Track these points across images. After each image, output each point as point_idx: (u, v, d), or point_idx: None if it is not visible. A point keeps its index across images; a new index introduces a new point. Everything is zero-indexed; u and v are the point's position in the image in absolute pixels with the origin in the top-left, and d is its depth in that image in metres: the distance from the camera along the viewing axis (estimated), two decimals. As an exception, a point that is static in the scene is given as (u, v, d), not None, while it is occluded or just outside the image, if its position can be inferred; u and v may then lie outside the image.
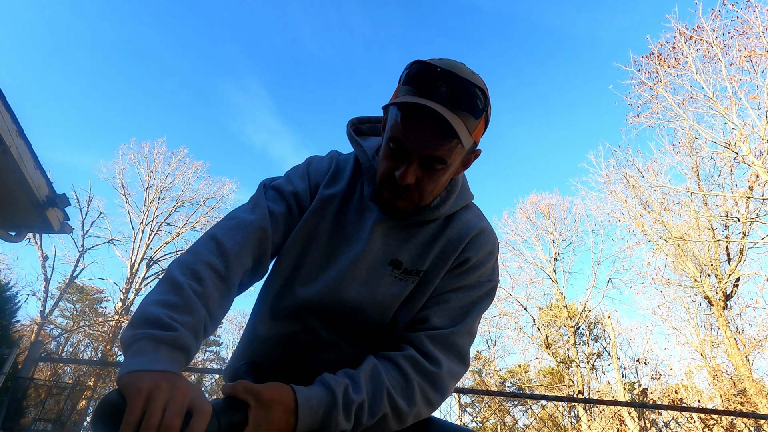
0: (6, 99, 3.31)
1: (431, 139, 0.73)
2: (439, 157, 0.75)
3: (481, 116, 0.77)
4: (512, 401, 12.52)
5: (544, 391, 17.80)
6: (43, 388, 4.79)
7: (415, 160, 0.76)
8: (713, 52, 10.22)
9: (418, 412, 0.76)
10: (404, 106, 0.74)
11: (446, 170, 0.79)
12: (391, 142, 0.77)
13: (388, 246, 0.85)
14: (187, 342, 0.61)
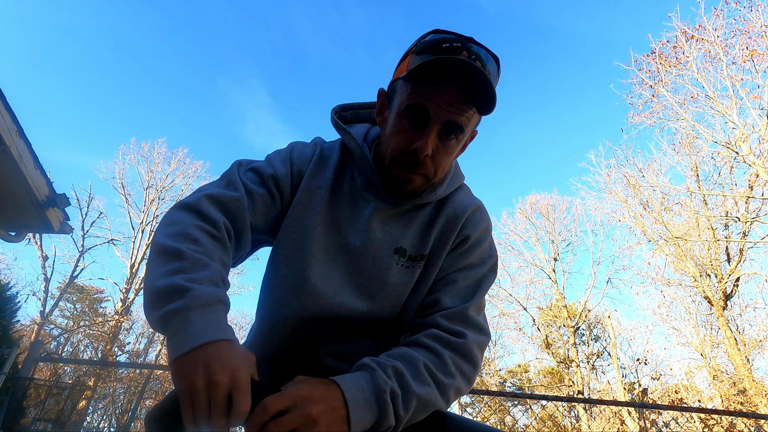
0: (6, 99, 3.31)
1: (458, 103, 0.72)
2: (459, 124, 0.74)
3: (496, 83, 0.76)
4: (512, 401, 12.52)
5: (544, 391, 17.80)
6: (43, 388, 4.78)
7: (435, 129, 0.74)
8: (714, 51, 10.22)
9: (458, 386, 0.73)
10: (433, 66, 0.70)
11: (459, 142, 0.78)
12: (408, 111, 0.74)
13: (389, 235, 0.84)
14: (215, 294, 0.59)
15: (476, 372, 0.76)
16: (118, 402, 17.51)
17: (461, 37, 0.72)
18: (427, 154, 0.74)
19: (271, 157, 0.88)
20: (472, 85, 0.71)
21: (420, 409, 0.67)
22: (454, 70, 0.70)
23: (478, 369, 0.76)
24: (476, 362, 0.76)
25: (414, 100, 0.73)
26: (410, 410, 0.65)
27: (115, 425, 17.27)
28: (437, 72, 0.70)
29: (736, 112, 9.88)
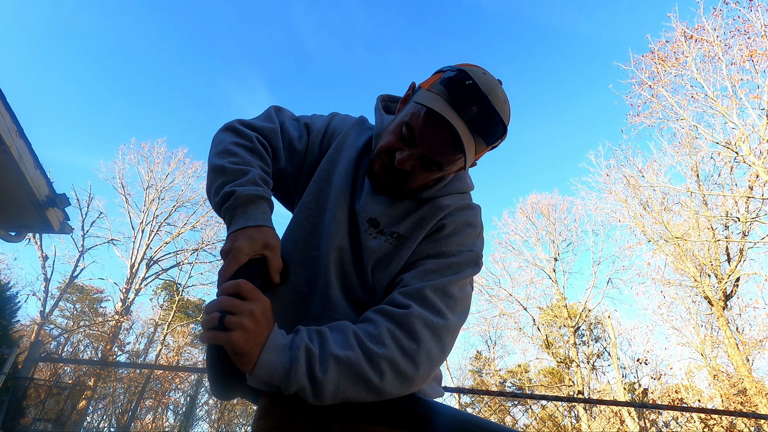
0: (6, 99, 3.31)
1: (441, 147, 0.78)
2: (438, 162, 0.80)
3: (491, 145, 0.82)
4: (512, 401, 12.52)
5: (544, 391, 17.80)
6: (43, 388, 4.79)
7: (418, 154, 0.80)
8: (714, 51, 10.22)
9: (391, 356, 0.68)
10: (431, 110, 0.76)
11: (439, 174, 0.84)
12: (405, 126, 0.81)
13: (369, 205, 0.87)
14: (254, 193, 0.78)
15: (420, 350, 0.70)
16: (118, 402, 17.51)
17: (480, 94, 0.76)
18: (405, 169, 0.81)
19: (313, 114, 1.02)
20: (455, 143, 0.76)
21: (344, 375, 0.65)
22: (446, 125, 0.75)
23: (422, 348, 0.70)
24: (418, 338, 0.70)
25: (412, 123, 0.80)
26: (328, 372, 0.64)
27: (115, 425, 17.27)
28: (434, 117, 0.77)
29: (736, 113, 9.89)
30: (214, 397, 0.77)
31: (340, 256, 0.84)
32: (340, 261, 0.84)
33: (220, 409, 19.76)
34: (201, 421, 20.20)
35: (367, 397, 0.68)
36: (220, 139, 0.88)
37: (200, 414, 20.12)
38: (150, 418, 18.23)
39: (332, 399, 0.66)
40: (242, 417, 20.20)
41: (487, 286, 17.06)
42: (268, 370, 0.64)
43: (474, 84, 0.76)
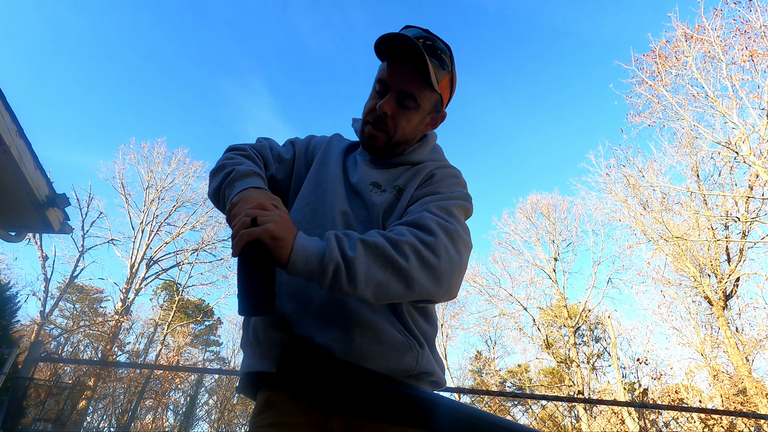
0: (6, 99, 3.31)
1: (409, 76, 0.91)
2: (411, 94, 0.92)
3: (448, 70, 0.95)
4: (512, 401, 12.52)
5: (544, 391, 17.80)
6: (43, 388, 4.79)
7: (393, 94, 0.93)
8: (714, 51, 10.21)
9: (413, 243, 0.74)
10: (389, 44, 0.89)
11: (417, 111, 0.95)
12: (376, 83, 0.95)
13: (368, 175, 0.98)
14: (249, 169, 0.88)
15: (438, 242, 0.76)
16: (118, 402, 17.52)
17: (421, 29, 0.94)
18: (386, 113, 0.93)
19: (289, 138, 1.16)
20: (419, 64, 0.89)
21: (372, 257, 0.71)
22: (407, 54, 0.89)
23: (439, 240, 0.77)
24: (434, 232, 0.77)
25: (380, 76, 0.95)
26: (357, 251, 0.70)
27: (115, 425, 17.27)
28: (395, 54, 0.91)
29: (736, 112, 9.88)
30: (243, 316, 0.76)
31: (344, 218, 0.91)
32: (346, 223, 0.91)
33: (220, 409, 19.77)
34: (201, 421, 20.21)
35: (398, 287, 0.72)
36: (217, 162, 0.98)
37: (200, 414, 20.13)
38: (150, 418, 18.23)
39: (365, 283, 0.70)
40: (242, 417, 20.20)
41: (487, 286, 17.08)
42: (304, 254, 0.69)
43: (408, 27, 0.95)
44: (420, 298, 0.76)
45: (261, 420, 0.81)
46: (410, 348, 0.81)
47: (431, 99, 0.96)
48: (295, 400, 0.79)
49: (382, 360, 0.78)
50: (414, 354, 0.81)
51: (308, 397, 0.79)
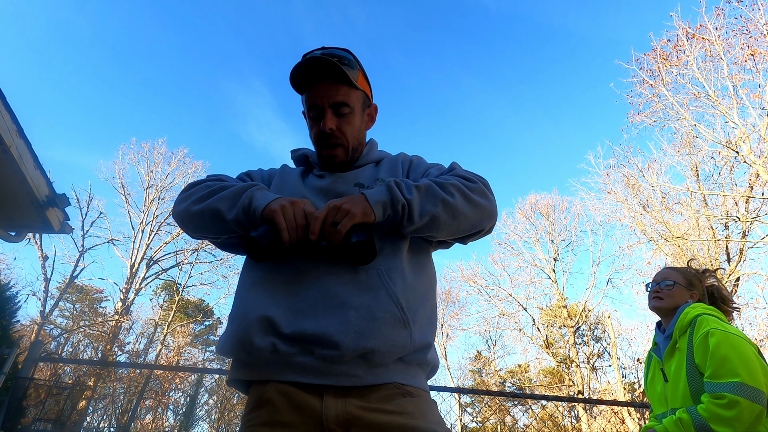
0: (6, 99, 3.30)
1: (330, 87, 0.99)
2: (342, 102, 1.00)
3: (358, 68, 1.05)
4: (512, 401, 12.52)
5: (544, 391, 17.80)
6: (43, 388, 4.78)
7: (328, 111, 1.00)
8: (715, 50, 10.20)
9: (457, 184, 0.90)
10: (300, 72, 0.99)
11: (353, 114, 1.04)
12: (309, 112, 1.03)
13: (345, 182, 1.04)
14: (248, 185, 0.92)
15: (477, 185, 0.93)
16: (118, 402, 17.51)
17: (315, 49, 1.04)
18: (331, 128, 1.00)
19: None
20: (334, 73, 0.98)
21: (424, 196, 0.86)
22: (319, 71, 0.98)
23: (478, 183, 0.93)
24: (472, 179, 0.94)
25: (308, 103, 1.02)
26: (412, 193, 0.85)
27: (115, 425, 17.27)
28: (306, 77, 1.00)
29: (737, 112, 9.88)
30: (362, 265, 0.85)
31: None
32: None
33: (220, 409, 19.77)
34: (201, 421, 20.21)
35: (447, 216, 0.86)
36: (187, 194, 0.97)
37: (200, 414, 20.13)
38: (150, 418, 18.23)
39: (420, 216, 0.85)
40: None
41: (486, 287, 17.08)
42: (381, 205, 0.83)
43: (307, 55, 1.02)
44: (470, 229, 0.91)
45: (254, 418, 0.79)
46: (404, 324, 0.81)
47: (358, 98, 1.05)
48: (289, 397, 0.78)
49: (381, 336, 0.78)
50: (408, 330, 0.81)
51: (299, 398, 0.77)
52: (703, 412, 1.29)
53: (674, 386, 1.47)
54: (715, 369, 1.33)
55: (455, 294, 20.53)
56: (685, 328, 1.53)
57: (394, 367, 0.82)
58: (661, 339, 1.66)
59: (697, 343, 1.44)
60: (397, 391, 0.80)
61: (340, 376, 0.78)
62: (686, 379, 1.43)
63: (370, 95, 1.10)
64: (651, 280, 1.83)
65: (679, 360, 1.50)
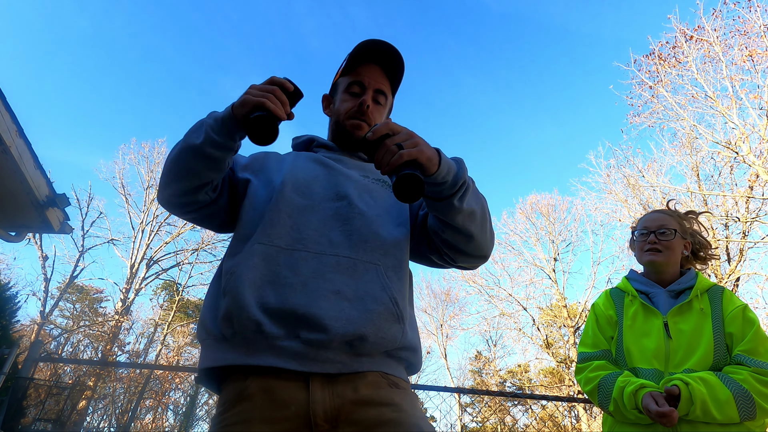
0: (6, 99, 3.31)
1: (381, 76, 1.10)
2: (384, 92, 1.09)
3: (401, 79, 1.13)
4: (512, 401, 12.52)
5: (544, 391, 17.80)
6: (43, 388, 4.78)
7: (370, 91, 1.07)
8: (714, 51, 10.21)
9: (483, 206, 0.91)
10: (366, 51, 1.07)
11: (386, 105, 1.12)
12: (350, 87, 1.08)
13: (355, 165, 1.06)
14: None
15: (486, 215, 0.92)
16: (118, 402, 17.51)
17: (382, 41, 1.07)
18: (368, 105, 1.05)
19: None
20: (389, 63, 1.09)
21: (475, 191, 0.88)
22: (376, 52, 1.07)
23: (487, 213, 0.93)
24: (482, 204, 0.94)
25: (354, 78, 1.08)
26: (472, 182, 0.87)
27: (115, 425, 17.27)
28: (365, 54, 1.07)
29: (736, 112, 9.89)
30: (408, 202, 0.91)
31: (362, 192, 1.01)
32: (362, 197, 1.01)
33: (220, 409, 19.71)
34: (201, 421, 20.20)
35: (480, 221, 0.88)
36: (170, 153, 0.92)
37: (200, 414, 20.12)
38: (150, 418, 18.23)
39: (467, 204, 0.84)
40: (242, 417, 20.17)
41: (486, 287, 17.08)
42: (447, 167, 0.79)
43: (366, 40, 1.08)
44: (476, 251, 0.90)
45: (230, 417, 0.71)
46: (398, 319, 0.80)
47: (391, 97, 1.14)
48: (272, 392, 0.71)
49: (372, 326, 0.76)
50: (401, 326, 0.80)
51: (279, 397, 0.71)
52: (745, 384, 1.21)
53: (689, 347, 1.32)
54: (756, 346, 1.28)
55: (455, 294, 20.55)
56: (703, 291, 1.42)
57: (380, 358, 0.80)
58: (660, 291, 1.46)
59: (733, 313, 1.36)
60: (383, 380, 0.78)
61: (326, 363, 0.74)
62: (713, 345, 1.31)
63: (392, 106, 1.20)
64: (639, 226, 1.60)
65: (699, 322, 1.36)
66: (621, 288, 1.59)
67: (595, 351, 1.46)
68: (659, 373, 1.32)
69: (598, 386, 1.37)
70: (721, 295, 1.43)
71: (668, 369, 1.32)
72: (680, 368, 1.30)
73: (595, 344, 1.48)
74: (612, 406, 1.32)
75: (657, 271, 1.51)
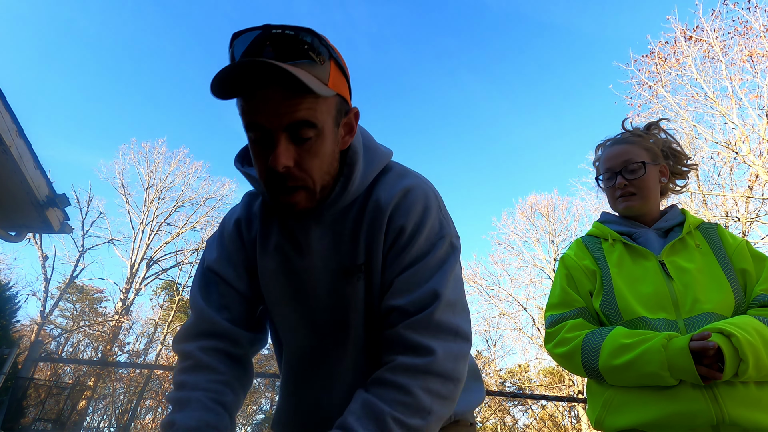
0: (6, 99, 3.31)
1: (284, 102, 0.63)
2: (303, 120, 0.64)
3: (328, 60, 0.67)
4: (512, 401, 12.52)
5: (544, 391, 17.79)
6: (43, 388, 4.78)
7: (281, 136, 0.65)
8: (713, 52, 10.22)
9: (439, 414, 0.65)
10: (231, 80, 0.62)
11: (322, 137, 0.68)
12: (249, 131, 0.67)
13: (321, 257, 0.78)
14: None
15: (458, 386, 0.67)
16: (118, 402, 17.52)
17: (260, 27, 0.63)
18: (287, 166, 0.66)
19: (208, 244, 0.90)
20: (288, 83, 0.61)
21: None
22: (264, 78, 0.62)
23: (460, 381, 0.68)
24: (454, 377, 0.67)
25: (247, 119, 0.66)
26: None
27: (115, 425, 17.28)
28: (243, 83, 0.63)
29: (736, 113, 9.90)
30: None
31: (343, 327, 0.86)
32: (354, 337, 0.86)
33: (220, 409, 19.73)
34: (201, 421, 20.15)
35: None
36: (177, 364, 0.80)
37: (200, 414, 20.07)
38: (150, 418, 18.23)
39: None
40: (242, 417, 20.21)
41: (486, 287, 17.09)
42: None
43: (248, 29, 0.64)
44: None
45: None
46: None
47: (330, 108, 0.68)
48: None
49: None
50: None
51: None
52: None
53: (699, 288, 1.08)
54: None
55: (455, 294, 20.49)
56: (694, 226, 1.22)
57: None
58: (644, 231, 1.24)
59: (738, 248, 1.15)
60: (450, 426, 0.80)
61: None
62: (729, 283, 1.08)
63: (348, 95, 0.74)
64: (601, 168, 1.35)
65: (701, 259, 1.14)
66: (595, 234, 1.32)
67: (567, 311, 1.17)
68: (670, 322, 1.03)
69: (582, 345, 1.07)
70: (717, 230, 1.22)
71: (680, 316, 1.04)
72: (695, 313, 1.04)
73: (566, 303, 1.18)
74: (607, 363, 1.01)
75: (638, 214, 1.28)
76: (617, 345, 1.01)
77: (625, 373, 0.99)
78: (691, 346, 0.92)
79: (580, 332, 1.10)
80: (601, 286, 1.16)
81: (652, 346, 0.96)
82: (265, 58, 0.61)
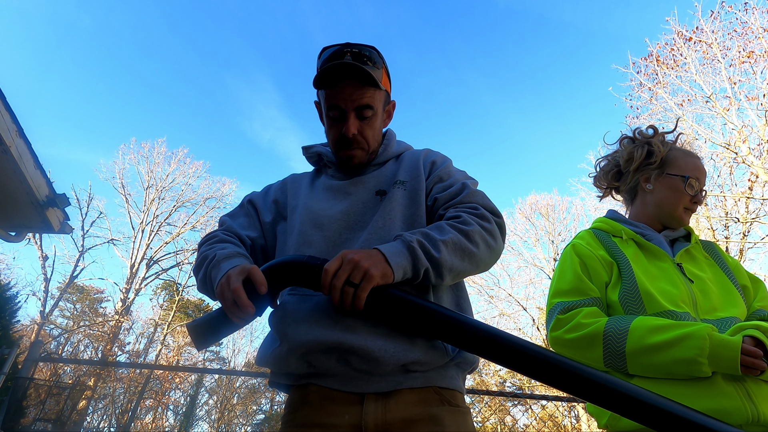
0: (6, 99, 3.32)
1: (356, 91, 0.97)
2: (366, 104, 0.99)
3: (382, 66, 1.03)
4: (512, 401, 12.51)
5: (544, 391, 17.79)
6: (43, 388, 4.79)
7: (351, 114, 0.99)
8: (712, 53, 10.22)
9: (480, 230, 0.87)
10: (327, 75, 0.96)
11: (376, 116, 1.03)
12: (329, 111, 1.01)
13: (367, 189, 1.02)
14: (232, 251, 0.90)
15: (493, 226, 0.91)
16: (118, 402, 17.52)
17: (342, 44, 1.00)
18: (354, 134, 1.00)
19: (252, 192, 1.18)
20: (361, 78, 0.96)
21: (453, 252, 0.83)
22: (345, 74, 0.97)
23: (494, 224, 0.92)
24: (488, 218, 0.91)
25: (329, 102, 1.00)
26: (441, 252, 0.81)
27: (115, 425, 17.28)
28: (331, 77, 0.97)
29: (735, 113, 9.90)
30: None
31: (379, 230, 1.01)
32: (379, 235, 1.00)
33: (220, 409, 19.76)
34: (201, 421, 20.20)
35: (469, 268, 0.86)
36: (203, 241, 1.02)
37: (200, 414, 20.13)
38: (150, 418, 18.23)
39: (449, 274, 0.83)
40: (242, 417, 20.21)
41: (486, 287, 17.09)
42: (402, 269, 0.78)
43: (333, 46, 1.01)
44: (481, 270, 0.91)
45: (295, 419, 0.82)
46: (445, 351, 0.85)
47: (381, 98, 1.04)
48: (331, 400, 0.80)
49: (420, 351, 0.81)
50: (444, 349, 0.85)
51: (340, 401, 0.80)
52: None
53: (715, 294, 1.09)
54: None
55: (455, 294, 20.51)
56: (697, 240, 1.25)
57: (434, 372, 0.84)
58: (656, 235, 1.23)
59: (737, 267, 1.20)
60: (435, 396, 0.82)
61: (381, 383, 0.80)
62: (740, 296, 1.11)
63: (390, 92, 1.10)
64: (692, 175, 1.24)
65: (711, 270, 1.17)
66: (605, 230, 1.28)
67: (581, 299, 1.10)
68: (693, 319, 1.03)
69: (605, 329, 1.01)
70: (716, 247, 1.25)
71: (699, 316, 1.04)
72: (712, 316, 1.04)
73: (580, 291, 1.12)
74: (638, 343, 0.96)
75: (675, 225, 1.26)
76: (652, 325, 0.96)
77: (656, 355, 0.93)
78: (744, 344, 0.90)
79: (598, 318, 1.05)
80: (619, 278, 1.12)
81: (696, 331, 0.92)
82: (345, 58, 0.97)
